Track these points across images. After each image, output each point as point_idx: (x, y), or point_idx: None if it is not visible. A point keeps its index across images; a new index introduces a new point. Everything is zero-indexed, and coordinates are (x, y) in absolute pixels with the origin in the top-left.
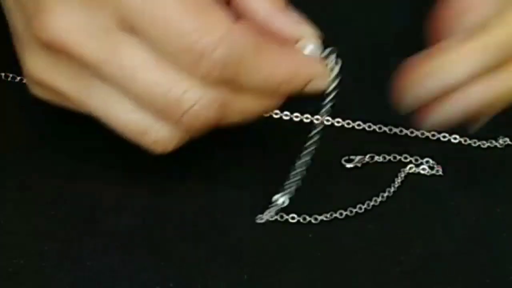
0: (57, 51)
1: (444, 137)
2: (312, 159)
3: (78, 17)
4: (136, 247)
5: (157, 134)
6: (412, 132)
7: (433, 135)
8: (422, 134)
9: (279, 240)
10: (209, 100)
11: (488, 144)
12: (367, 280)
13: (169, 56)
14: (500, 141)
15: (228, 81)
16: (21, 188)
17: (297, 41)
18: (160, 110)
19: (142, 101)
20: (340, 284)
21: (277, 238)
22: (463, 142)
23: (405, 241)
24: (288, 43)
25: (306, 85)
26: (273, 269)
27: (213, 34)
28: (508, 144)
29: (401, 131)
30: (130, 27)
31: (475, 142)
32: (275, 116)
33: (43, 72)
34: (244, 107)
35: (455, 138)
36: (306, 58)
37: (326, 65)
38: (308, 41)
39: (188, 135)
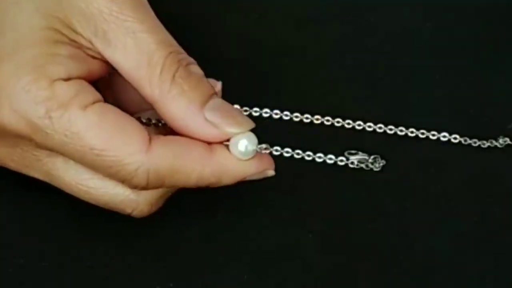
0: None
1: (444, 137)
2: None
3: (11, 150)
4: (136, 247)
5: (133, 202)
6: (412, 132)
7: (433, 135)
8: (422, 134)
9: (279, 240)
10: (147, 201)
11: (488, 144)
12: (367, 280)
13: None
14: (500, 141)
15: (156, 187)
16: (21, 188)
17: (228, 139)
18: (110, 209)
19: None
20: (340, 284)
21: (277, 238)
22: (463, 142)
23: (405, 241)
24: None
25: (240, 180)
26: (273, 269)
27: (129, 165)
28: (508, 144)
29: (401, 131)
30: (56, 154)
31: (475, 142)
32: (275, 116)
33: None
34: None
35: (455, 138)
36: (233, 160)
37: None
38: (239, 136)
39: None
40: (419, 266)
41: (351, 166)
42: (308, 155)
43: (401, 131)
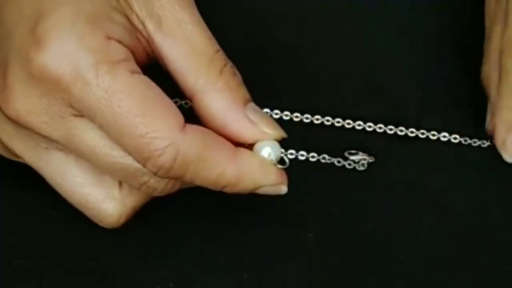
0: (19, 124)
1: (444, 137)
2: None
3: (36, 101)
4: (136, 247)
5: (103, 211)
6: (412, 132)
7: (433, 135)
8: (422, 134)
9: (279, 240)
10: (163, 171)
11: (488, 143)
12: (367, 280)
13: (123, 149)
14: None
15: (175, 179)
16: (21, 188)
17: (255, 142)
18: (122, 179)
19: (104, 171)
20: (340, 284)
21: (277, 238)
22: (463, 142)
23: (405, 241)
24: (243, 145)
25: (255, 189)
26: (273, 269)
27: (161, 139)
28: None
29: (401, 130)
30: (83, 115)
31: (475, 142)
32: (275, 116)
33: (6, 138)
34: (202, 175)
35: (455, 138)
36: (255, 164)
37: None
38: (265, 144)
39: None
40: (419, 266)
41: (348, 167)
42: (313, 156)
43: (401, 131)
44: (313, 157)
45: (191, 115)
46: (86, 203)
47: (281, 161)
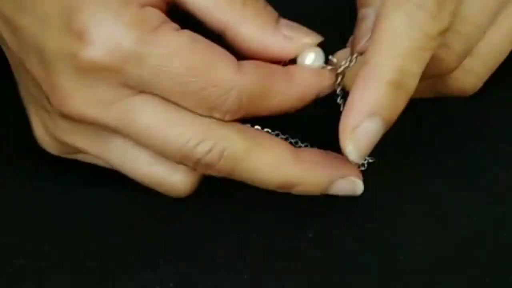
0: (77, 120)
1: (444, 137)
2: None
3: (89, 93)
4: (136, 247)
5: (173, 184)
6: (411, 132)
7: (433, 135)
8: (422, 133)
9: (279, 240)
10: (220, 149)
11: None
12: (367, 280)
13: (186, 107)
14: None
15: (243, 115)
16: (21, 188)
17: (297, 55)
18: (176, 161)
19: (159, 154)
20: (340, 284)
21: (277, 238)
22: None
23: (405, 241)
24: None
25: (316, 97)
26: (273, 269)
27: (223, 86)
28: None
29: (401, 130)
30: (140, 91)
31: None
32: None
33: (64, 135)
34: (257, 165)
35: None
36: (309, 75)
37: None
38: (307, 52)
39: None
40: (419, 265)
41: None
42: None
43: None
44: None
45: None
46: (156, 180)
47: (328, 62)
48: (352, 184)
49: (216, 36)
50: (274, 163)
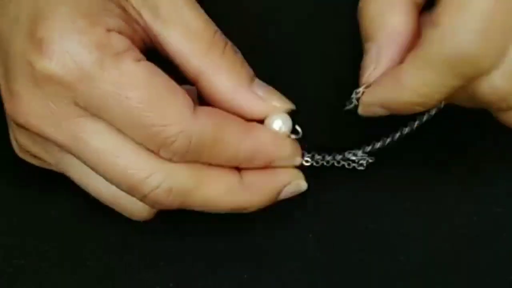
0: (31, 132)
1: (444, 136)
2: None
3: (43, 104)
4: (136, 247)
5: (129, 206)
6: (411, 132)
7: (433, 135)
8: (422, 134)
9: (279, 240)
10: (168, 187)
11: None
12: (367, 280)
13: (134, 140)
14: None
15: (191, 161)
16: (21, 188)
17: (265, 117)
18: (126, 189)
19: (109, 181)
20: (340, 284)
21: (277, 238)
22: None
23: (405, 241)
24: (253, 120)
25: (271, 162)
26: (273, 269)
27: (173, 126)
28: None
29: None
30: (92, 114)
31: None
32: None
33: (25, 144)
34: (207, 196)
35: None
36: (268, 137)
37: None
38: (275, 116)
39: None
40: (419, 265)
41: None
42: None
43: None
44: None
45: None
46: (114, 199)
47: (294, 131)
48: (296, 186)
49: None
50: (222, 193)
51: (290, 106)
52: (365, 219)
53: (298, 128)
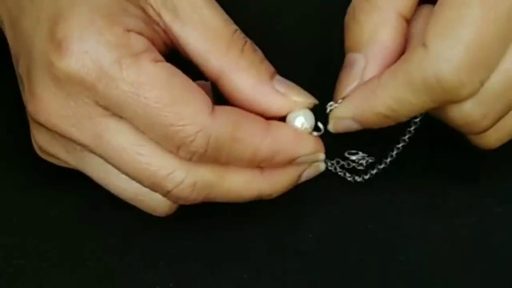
0: (52, 131)
1: (444, 137)
2: None
3: (64, 104)
4: (136, 247)
5: (150, 202)
6: (411, 133)
7: (433, 135)
8: (422, 134)
9: (279, 240)
10: (191, 182)
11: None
12: (367, 280)
13: (153, 139)
14: None
15: (210, 162)
16: (21, 188)
17: (287, 114)
18: (149, 186)
19: (131, 178)
20: (340, 284)
21: (277, 238)
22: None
23: (405, 241)
24: (274, 118)
25: (293, 160)
26: (273, 269)
27: (191, 125)
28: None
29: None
30: (113, 113)
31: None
32: None
33: (45, 145)
34: (230, 188)
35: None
36: (289, 135)
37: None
38: (297, 113)
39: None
40: (419, 265)
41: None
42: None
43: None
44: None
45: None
46: (136, 196)
47: (316, 128)
48: (316, 168)
49: None
50: (244, 184)
51: (312, 100)
52: (365, 219)
53: (320, 125)
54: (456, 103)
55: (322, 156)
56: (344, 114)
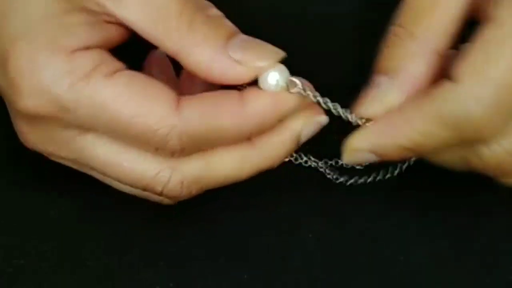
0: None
1: None
2: None
3: (40, 134)
4: (136, 247)
5: (154, 197)
6: None
7: None
8: None
9: (279, 240)
10: (178, 180)
11: None
12: (367, 280)
13: (132, 145)
14: None
15: (195, 152)
16: (21, 188)
17: (254, 79)
18: (142, 189)
19: (124, 184)
20: (340, 284)
21: (277, 238)
22: None
23: (405, 241)
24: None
25: (281, 121)
26: (273, 269)
27: (161, 129)
28: None
29: None
30: (86, 130)
31: None
32: None
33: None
34: (222, 173)
35: None
36: (266, 100)
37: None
38: (267, 73)
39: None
40: (419, 265)
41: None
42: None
43: None
44: (312, 158)
45: None
46: (141, 193)
47: (291, 84)
48: (315, 124)
49: None
50: (238, 163)
51: (276, 56)
52: (365, 219)
53: (294, 79)
54: (482, 146)
55: (323, 118)
56: (362, 146)
